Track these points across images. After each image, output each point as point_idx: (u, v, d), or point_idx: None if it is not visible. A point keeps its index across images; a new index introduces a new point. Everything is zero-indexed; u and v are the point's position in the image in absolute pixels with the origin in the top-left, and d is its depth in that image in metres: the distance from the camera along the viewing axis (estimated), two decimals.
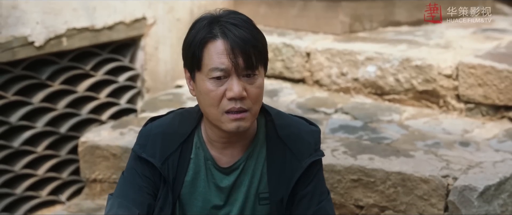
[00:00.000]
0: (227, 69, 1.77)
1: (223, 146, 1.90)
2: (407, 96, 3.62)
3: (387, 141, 3.14)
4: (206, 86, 1.79)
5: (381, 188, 2.83)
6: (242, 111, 1.80)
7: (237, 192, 1.91)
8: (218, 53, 1.77)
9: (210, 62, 1.78)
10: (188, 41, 1.83)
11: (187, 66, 1.85)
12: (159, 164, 1.88)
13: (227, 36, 1.77)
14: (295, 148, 1.90)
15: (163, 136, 1.91)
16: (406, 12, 4.49)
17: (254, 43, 1.78)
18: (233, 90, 1.77)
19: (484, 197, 2.69)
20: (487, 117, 3.42)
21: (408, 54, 3.66)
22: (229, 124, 1.81)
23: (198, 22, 1.83)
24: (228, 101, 1.79)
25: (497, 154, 2.99)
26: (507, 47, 3.75)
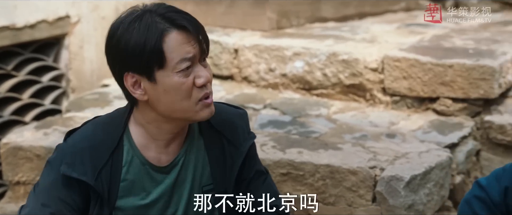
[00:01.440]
0: (193, 57, 1.71)
1: (167, 143, 1.82)
2: (334, 91, 3.66)
3: (316, 135, 3.16)
4: (174, 81, 1.70)
5: (310, 181, 2.84)
6: (210, 94, 1.77)
7: (181, 189, 1.85)
8: (180, 44, 1.69)
9: (175, 56, 1.69)
10: (133, 44, 1.68)
11: (133, 70, 1.71)
12: (93, 181, 1.76)
13: (180, 25, 1.69)
14: (230, 135, 1.87)
15: (90, 149, 1.77)
16: (332, 8, 4.54)
17: (201, 25, 1.75)
18: (203, 76, 1.72)
19: (411, 186, 2.74)
20: (412, 109, 3.49)
21: (335, 49, 3.69)
22: (203, 111, 1.75)
23: (131, 24, 1.69)
24: (199, 89, 1.73)
25: (423, 144, 3.05)
26: (430, 41, 3.83)
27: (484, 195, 1.75)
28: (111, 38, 1.73)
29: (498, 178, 1.75)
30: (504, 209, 1.74)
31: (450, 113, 3.38)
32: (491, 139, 3.24)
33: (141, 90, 1.73)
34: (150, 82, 1.71)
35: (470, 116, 3.35)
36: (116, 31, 1.71)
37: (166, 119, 1.77)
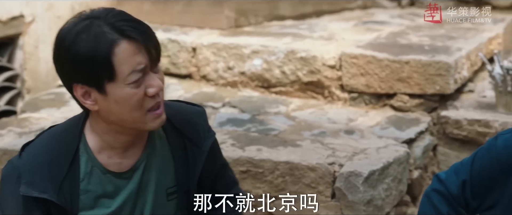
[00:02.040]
0: (144, 68, 1.65)
1: (125, 149, 1.78)
2: (293, 88, 3.66)
3: (275, 132, 3.16)
4: (125, 93, 1.64)
5: (269, 178, 2.84)
6: (161, 104, 1.72)
7: (145, 193, 1.81)
8: (131, 55, 1.62)
9: (125, 68, 1.62)
10: (81, 56, 1.62)
11: (83, 82, 1.65)
12: (55, 196, 1.71)
13: (129, 34, 1.63)
14: (192, 134, 1.84)
15: (48, 164, 1.71)
16: (290, 6, 4.55)
17: (152, 32, 1.69)
18: (155, 85, 1.66)
19: (369, 182, 2.76)
20: (370, 105, 3.51)
21: (293, 46, 3.70)
22: (153, 122, 1.70)
23: (80, 34, 1.63)
24: (150, 98, 1.67)
25: (381, 140, 3.07)
26: (387, 38, 3.87)
27: (443, 189, 1.78)
28: (58, 48, 1.66)
29: (456, 171, 1.78)
30: (463, 202, 1.77)
31: (407, 109, 3.41)
32: (448, 134, 3.28)
33: (92, 100, 1.68)
34: (100, 94, 1.66)
35: (427, 112, 3.39)
36: (63, 40, 1.64)
37: (119, 128, 1.73)
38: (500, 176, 1.69)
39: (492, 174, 1.71)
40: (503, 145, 1.70)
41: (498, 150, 1.70)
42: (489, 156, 1.72)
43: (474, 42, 3.71)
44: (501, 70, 3.18)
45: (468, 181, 1.74)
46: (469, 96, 3.51)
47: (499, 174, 1.69)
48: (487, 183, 1.72)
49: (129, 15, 1.68)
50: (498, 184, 1.70)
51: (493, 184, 1.71)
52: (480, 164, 1.74)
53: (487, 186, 1.72)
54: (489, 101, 3.38)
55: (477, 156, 1.76)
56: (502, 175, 1.69)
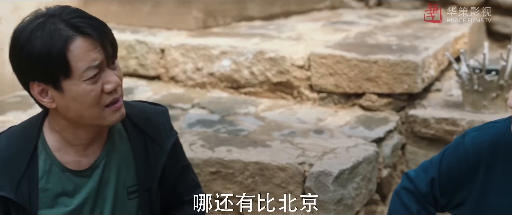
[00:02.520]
0: (100, 64, 1.65)
1: (85, 146, 1.77)
2: (262, 89, 3.66)
3: (244, 133, 3.16)
4: (82, 89, 1.64)
5: (239, 179, 2.83)
6: (119, 99, 1.72)
7: (105, 191, 1.80)
8: (86, 52, 1.62)
9: (81, 64, 1.62)
10: (36, 53, 1.61)
11: (39, 79, 1.64)
12: (13, 194, 1.70)
13: (84, 31, 1.63)
14: (153, 133, 1.83)
15: (5, 162, 1.71)
16: (258, 7, 4.55)
17: (108, 28, 1.68)
18: (112, 82, 1.66)
19: (339, 181, 2.77)
20: (339, 105, 3.53)
21: (261, 47, 3.70)
22: (112, 116, 1.70)
23: (34, 32, 1.61)
24: (107, 94, 1.67)
25: (350, 139, 3.09)
26: (355, 38, 3.89)
27: (412, 187, 1.79)
28: (13, 46, 1.65)
29: (425, 169, 1.79)
30: (432, 199, 1.78)
31: (376, 108, 3.43)
32: (416, 132, 3.31)
33: (49, 98, 1.67)
34: (57, 91, 1.65)
35: (395, 111, 3.41)
36: (18, 39, 1.63)
37: (78, 124, 1.72)
38: (468, 173, 1.71)
39: (460, 171, 1.72)
40: (470, 143, 1.71)
41: (466, 147, 1.72)
42: (457, 153, 1.73)
43: (441, 42, 3.74)
44: (468, 69, 3.21)
45: (436, 178, 1.76)
46: (436, 95, 3.55)
47: (467, 171, 1.71)
48: (455, 180, 1.73)
49: (84, 12, 1.68)
50: (466, 181, 1.72)
51: (461, 181, 1.73)
52: (448, 162, 1.75)
53: (455, 184, 1.74)
54: (456, 100, 3.41)
55: (445, 153, 1.77)
56: (470, 172, 1.71)
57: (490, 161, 1.67)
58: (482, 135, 1.71)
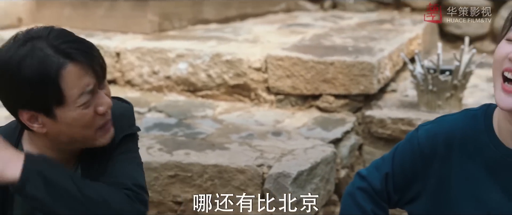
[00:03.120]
0: (93, 88, 1.62)
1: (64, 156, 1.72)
2: (219, 92, 3.65)
3: (202, 136, 3.14)
4: (76, 114, 1.61)
5: (198, 182, 2.81)
6: (110, 121, 1.69)
7: None
8: (78, 78, 1.58)
9: (75, 91, 1.59)
10: (28, 82, 1.56)
11: (29, 107, 1.60)
12: None
13: (75, 57, 1.58)
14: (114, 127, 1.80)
15: None
16: (214, 10, 4.54)
17: (96, 50, 1.65)
18: (105, 103, 1.63)
19: (298, 182, 2.77)
20: (296, 106, 3.54)
21: (218, 49, 3.69)
22: (103, 138, 1.67)
23: (23, 59, 1.56)
24: (100, 116, 1.64)
25: (308, 141, 3.10)
26: (311, 40, 3.91)
27: (366, 185, 1.78)
28: (1, 75, 1.60)
29: (377, 167, 1.79)
30: (385, 196, 1.78)
31: (332, 109, 3.45)
32: (372, 133, 3.34)
33: (39, 124, 1.63)
34: (49, 118, 1.62)
35: (352, 112, 3.44)
36: (7, 67, 1.58)
37: (65, 145, 1.69)
38: (422, 166, 1.71)
39: (414, 164, 1.72)
40: (425, 135, 1.71)
41: (420, 140, 1.71)
42: (411, 147, 1.72)
43: (396, 43, 3.79)
44: (422, 70, 3.25)
45: (390, 173, 1.75)
46: (392, 95, 3.59)
47: (421, 164, 1.71)
48: (409, 174, 1.73)
49: (70, 34, 1.64)
50: (420, 175, 1.72)
51: (415, 175, 1.72)
52: (401, 156, 1.74)
53: (409, 178, 1.73)
54: (412, 100, 3.45)
55: (398, 148, 1.77)
56: (424, 165, 1.70)
57: (445, 153, 1.67)
58: (437, 127, 1.70)
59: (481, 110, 1.67)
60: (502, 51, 1.53)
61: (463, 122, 1.68)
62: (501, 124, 1.62)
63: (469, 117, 1.68)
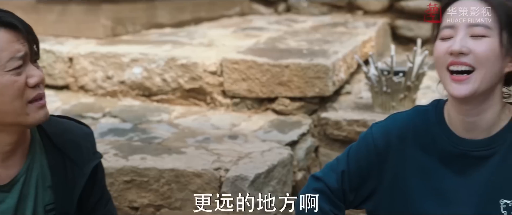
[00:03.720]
0: (24, 56, 1.62)
1: (6, 155, 1.69)
2: (175, 96, 3.63)
3: (158, 140, 3.12)
4: (5, 80, 1.60)
5: (155, 186, 2.79)
6: (43, 96, 1.67)
7: (23, 208, 1.72)
8: (9, 42, 1.60)
9: (4, 54, 1.59)
10: None
11: None
12: None
13: (8, 22, 1.60)
14: (74, 155, 1.77)
15: None
16: (168, 14, 4.52)
17: (30, 26, 1.66)
18: (36, 75, 1.63)
19: (255, 185, 2.77)
20: (252, 110, 3.54)
21: (173, 53, 3.67)
22: (36, 113, 1.65)
23: None
24: (31, 89, 1.63)
25: (264, 143, 3.10)
26: (266, 43, 3.92)
27: (322, 186, 1.80)
28: None
29: (332, 168, 1.81)
30: (342, 195, 1.79)
31: (288, 112, 3.46)
32: (328, 135, 3.35)
33: None
34: None
35: (308, 114, 3.45)
36: None
37: (1, 126, 1.66)
38: (377, 162, 1.74)
39: (369, 161, 1.75)
40: (378, 132, 1.75)
41: (374, 137, 1.74)
42: (366, 144, 1.76)
43: (349, 45, 3.82)
44: (376, 72, 3.29)
45: (346, 171, 1.77)
46: (347, 98, 3.61)
47: (376, 160, 1.74)
48: (364, 171, 1.76)
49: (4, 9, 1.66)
50: (375, 171, 1.74)
51: (370, 172, 1.75)
52: (356, 154, 1.77)
53: (364, 175, 1.76)
54: (366, 102, 3.49)
55: (352, 148, 1.80)
56: (379, 161, 1.74)
57: (399, 147, 1.71)
58: (390, 124, 1.75)
59: (431, 105, 1.73)
60: (440, 50, 1.61)
61: (415, 117, 1.73)
62: (451, 115, 1.67)
63: (421, 112, 1.74)
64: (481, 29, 1.57)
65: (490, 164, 1.64)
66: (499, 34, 1.57)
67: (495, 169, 1.64)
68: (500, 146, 1.64)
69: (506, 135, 1.64)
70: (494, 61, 1.57)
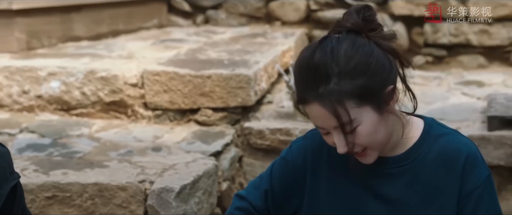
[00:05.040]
0: None
1: None
2: (95, 109, 3.56)
3: (80, 155, 3.05)
4: None
5: (78, 202, 2.72)
6: None
7: None
8: None
9: None
10: None
11: None
12: None
13: None
14: None
15: None
16: (84, 27, 4.44)
17: None
18: None
19: (181, 196, 2.75)
20: (175, 121, 3.51)
21: (92, 66, 3.61)
22: None
23: None
24: None
25: (189, 155, 3.08)
26: (187, 55, 3.90)
27: (246, 204, 1.78)
28: None
29: (256, 186, 1.80)
30: (266, 213, 1.79)
31: (211, 123, 3.46)
32: (252, 144, 3.37)
33: None
34: None
35: (231, 124, 3.46)
36: None
37: None
38: (297, 181, 1.74)
39: (291, 179, 1.74)
40: (297, 150, 1.74)
41: (293, 156, 1.74)
42: (286, 163, 1.75)
43: (270, 56, 3.85)
44: None
45: (269, 190, 1.76)
46: (269, 107, 3.64)
47: (296, 178, 1.73)
48: (287, 190, 1.75)
49: None
50: (297, 189, 1.74)
51: (292, 190, 1.75)
52: (278, 172, 1.77)
53: (287, 194, 1.76)
54: (288, 111, 3.52)
55: (274, 165, 1.79)
56: (299, 179, 1.73)
57: (315, 165, 1.71)
58: (307, 142, 1.74)
59: None
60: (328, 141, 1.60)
61: None
62: None
63: None
64: (347, 126, 1.53)
65: (401, 181, 1.66)
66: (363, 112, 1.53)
67: (406, 187, 1.65)
68: (410, 163, 1.65)
69: (416, 152, 1.65)
70: (377, 133, 1.56)
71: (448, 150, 1.65)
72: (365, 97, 1.52)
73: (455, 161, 1.64)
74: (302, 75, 1.53)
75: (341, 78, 1.49)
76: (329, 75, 1.49)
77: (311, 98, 1.51)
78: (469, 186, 1.63)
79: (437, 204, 1.65)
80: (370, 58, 1.52)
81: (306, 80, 1.52)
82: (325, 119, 1.53)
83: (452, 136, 1.67)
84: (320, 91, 1.50)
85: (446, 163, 1.65)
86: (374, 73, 1.52)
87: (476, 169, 1.64)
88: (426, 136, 1.67)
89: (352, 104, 1.51)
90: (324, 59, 1.50)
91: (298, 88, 1.55)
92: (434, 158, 1.66)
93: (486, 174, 1.64)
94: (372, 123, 1.54)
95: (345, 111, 1.51)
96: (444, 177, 1.65)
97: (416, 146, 1.67)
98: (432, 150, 1.66)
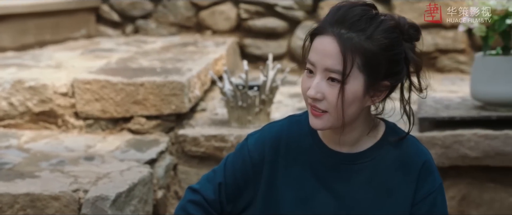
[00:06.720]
0: None
1: None
2: (23, 120, 3.46)
3: (9, 166, 2.96)
4: None
5: (9, 213, 2.63)
6: None
7: None
8: None
9: None
10: None
11: None
12: None
13: None
14: None
15: None
16: (9, 37, 4.33)
17: None
18: None
19: (117, 205, 2.69)
20: (107, 130, 3.45)
21: (19, 76, 3.51)
22: None
23: None
24: None
25: (123, 163, 3.03)
26: (117, 63, 3.85)
27: (199, 198, 1.78)
28: None
29: (209, 179, 1.80)
30: (219, 206, 1.79)
31: (145, 131, 3.41)
32: (186, 152, 3.34)
33: None
34: None
35: (165, 132, 3.42)
36: None
37: None
38: (252, 173, 1.75)
39: (245, 172, 1.76)
40: (253, 143, 1.77)
41: (249, 148, 1.76)
42: (242, 155, 1.77)
43: (202, 63, 3.83)
44: (231, 86, 3.32)
45: (223, 183, 1.77)
46: (202, 114, 3.62)
47: (251, 171, 1.75)
48: (241, 183, 1.77)
49: None
50: (251, 182, 1.76)
51: (246, 183, 1.76)
52: (232, 165, 1.78)
53: (241, 186, 1.77)
54: (222, 117, 3.51)
55: (229, 159, 1.80)
56: (254, 172, 1.75)
57: (272, 157, 1.74)
58: (264, 134, 1.77)
59: (304, 115, 1.75)
60: (304, 86, 1.65)
61: (288, 127, 1.76)
62: None
63: (293, 122, 1.77)
64: (336, 75, 1.58)
65: (357, 179, 1.69)
66: (356, 77, 1.59)
67: (361, 184, 1.69)
68: (369, 162, 1.69)
69: (375, 152, 1.70)
70: (349, 105, 1.60)
71: (406, 155, 1.71)
72: (369, 67, 1.58)
73: (412, 166, 1.70)
74: (340, 10, 1.60)
75: (368, 38, 1.57)
76: (361, 29, 1.58)
77: (332, 33, 1.58)
78: (424, 191, 1.69)
79: (389, 205, 1.69)
80: (397, 50, 1.60)
81: (341, 15, 1.59)
82: (329, 57, 1.58)
83: (411, 142, 1.73)
84: (344, 32, 1.57)
85: (403, 167, 1.70)
86: (391, 60, 1.60)
87: (431, 176, 1.70)
88: (387, 138, 1.71)
89: (358, 62, 1.57)
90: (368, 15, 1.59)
91: (326, 19, 1.61)
92: (393, 161, 1.70)
93: (439, 182, 1.71)
94: (354, 92, 1.60)
95: (351, 62, 1.57)
96: (400, 179, 1.69)
97: (377, 146, 1.70)
98: (391, 152, 1.70)
